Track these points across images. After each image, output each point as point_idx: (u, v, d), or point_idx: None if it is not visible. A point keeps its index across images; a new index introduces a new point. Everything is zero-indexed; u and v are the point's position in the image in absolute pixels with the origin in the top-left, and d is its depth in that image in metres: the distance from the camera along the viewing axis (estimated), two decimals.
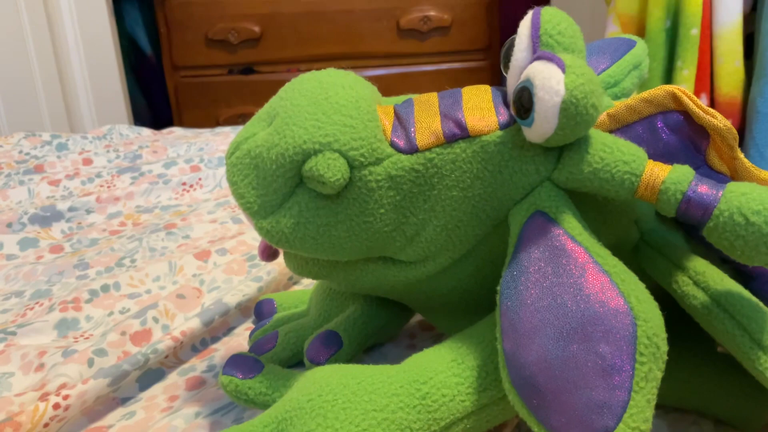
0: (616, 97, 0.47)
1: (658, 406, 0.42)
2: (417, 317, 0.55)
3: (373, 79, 0.44)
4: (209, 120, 2.04)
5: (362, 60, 1.94)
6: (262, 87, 2.00)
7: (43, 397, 0.47)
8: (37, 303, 0.62)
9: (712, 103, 1.05)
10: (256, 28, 1.96)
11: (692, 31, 1.01)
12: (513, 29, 0.39)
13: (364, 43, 1.95)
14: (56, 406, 0.45)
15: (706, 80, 1.05)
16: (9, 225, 0.80)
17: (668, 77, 1.06)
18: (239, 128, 1.17)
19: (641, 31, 1.09)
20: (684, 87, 0.98)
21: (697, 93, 1.04)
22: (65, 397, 0.46)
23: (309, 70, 0.43)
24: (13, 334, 0.57)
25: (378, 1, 1.93)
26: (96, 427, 0.46)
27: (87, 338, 0.56)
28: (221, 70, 2.03)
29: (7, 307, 0.63)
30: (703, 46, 1.03)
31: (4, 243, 0.76)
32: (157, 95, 2.18)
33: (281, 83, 0.43)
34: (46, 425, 0.45)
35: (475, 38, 1.97)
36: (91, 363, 0.51)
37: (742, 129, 1.03)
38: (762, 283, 0.42)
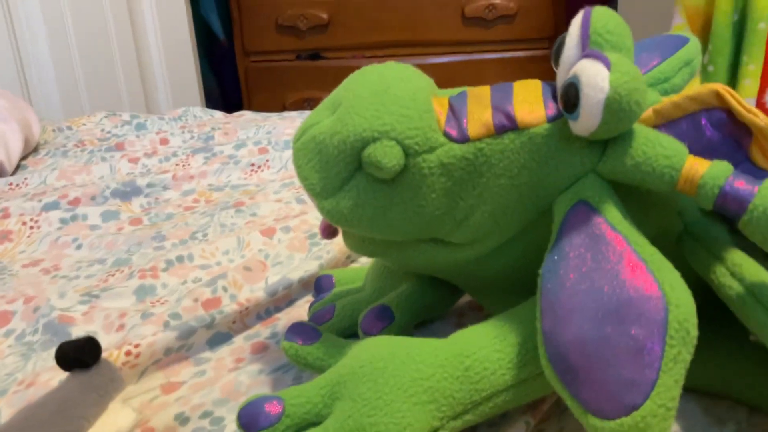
0: (666, 93, 0.48)
1: (692, 391, 0.44)
2: (465, 298, 0.58)
3: (437, 67, 0.47)
4: (276, 103, 2.11)
5: (427, 47, 1.96)
6: (329, 72, 2.04)
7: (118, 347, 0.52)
8: (118, 270, 0.68)
9: None
10: (324, 15, 2.01)
11: (760, 26, 1.00)
12: None
13: (429, 30, 1.97)
14: (128, 353, 0.51)
15: None
16: (93, 198, 0.87)
17: (734, 72, 1.04)
18: (305, 113, 1.22)
19: (707, 24, 1.07)
20: (749, 82, 0.97)
21: (762, 89, 1.02)
22: (136, 345, 0.51)
23: (374, 56, 0.46)
24: (97, 297, 0.63)
25: None
26: (171, 383, 0.51)
27: (163, 303, 0.61)
28: (290, 55, 2.08)
29: (91, 272, 0.69)
30: None
31: (88, 214, 0.82)
32: (228, 78, 2.25)
33: (347, 69, 0.46)
34: (119, 369, 0.50)
35: (541, 27, 1.96)
36: (167, 325, 0.56)
37: None
38: None
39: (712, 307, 0.40)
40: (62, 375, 0.49)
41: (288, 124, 1.13)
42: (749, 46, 1.01)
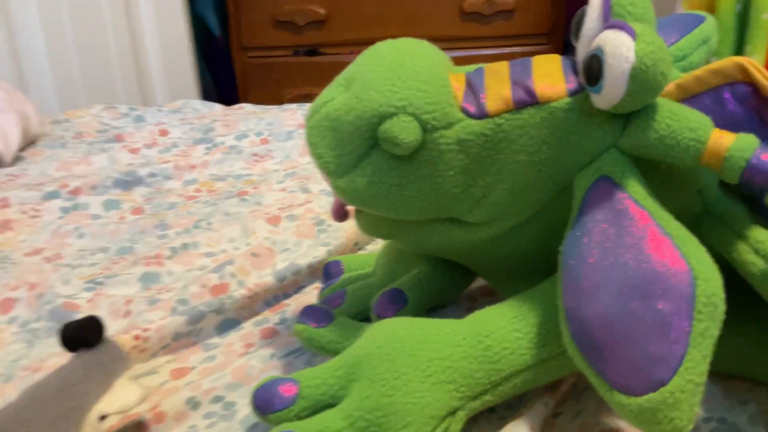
0: (684, 71, 0.48)
1: (712, 374, 0.43)
2: (478, 282, 0.57)
3: None
4: (274, 100, 2.08)
5: None
6: (326, 68, 2.02)
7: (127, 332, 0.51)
8: (122, 258, 0.67)
9: None
10: (322, 10, 1.99)
11: (764, 16, 0.99)
12: None
13: (427, 25, 1.96)
14: (137, 337, 0.50)
15: None
16: (93, 188, 0.85)
17: None
18: (305, 106, 1.21)
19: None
20: None
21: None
22: (145, 330, 0.50)
23: None
24: (102, 284, 0.62)
25: None
26: (180, 368, 0.50)
27: (169, 290, 0.60)
28: (287, 51, 2.07)
29: (95, 261, 0.68)
30: None
31: (89, 204, 0.81)
32: (224, 75, 2.24)
33: (345, 65, 0.45)
34: (127, 354, 0.49)
35: (539, 23, 1.95)
36: (174, 311, 0.55)
37: None
38: None
39: (730, 288, 0.39)
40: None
41: (289, 115, 1.12)
42: (753, 37, 1.01)
